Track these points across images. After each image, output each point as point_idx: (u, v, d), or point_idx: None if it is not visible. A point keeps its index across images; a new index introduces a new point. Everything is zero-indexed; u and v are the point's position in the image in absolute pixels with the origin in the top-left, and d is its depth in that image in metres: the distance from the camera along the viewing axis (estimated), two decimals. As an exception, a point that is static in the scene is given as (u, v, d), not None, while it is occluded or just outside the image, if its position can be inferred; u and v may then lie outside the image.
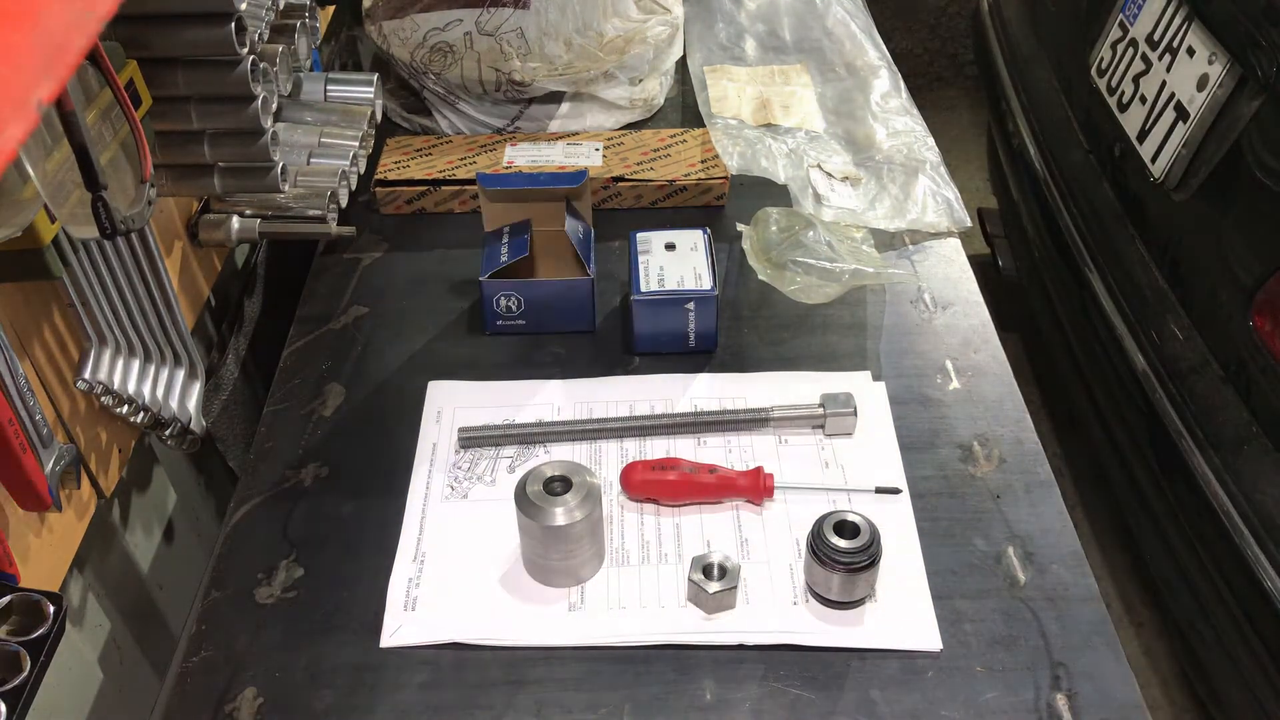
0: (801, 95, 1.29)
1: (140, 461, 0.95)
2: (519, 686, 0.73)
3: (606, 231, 1.11)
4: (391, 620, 0.76)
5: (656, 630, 0.75)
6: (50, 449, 0.72)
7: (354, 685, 0.73)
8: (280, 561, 0.81)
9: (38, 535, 0.75)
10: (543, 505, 0.75)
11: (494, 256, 0.98)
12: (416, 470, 0.87)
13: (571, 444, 0.89)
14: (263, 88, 0.85)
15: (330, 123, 1.04)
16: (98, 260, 0.78)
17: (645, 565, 0.80)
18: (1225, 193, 1.27)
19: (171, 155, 0.88)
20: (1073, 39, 1.73)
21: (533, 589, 0.78)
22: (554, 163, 1.17)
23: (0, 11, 0.26)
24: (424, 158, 1.18)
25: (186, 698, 0.73)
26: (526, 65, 1.20)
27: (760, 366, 0.96)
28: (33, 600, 0.66)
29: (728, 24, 1.43)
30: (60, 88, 0.41)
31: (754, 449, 0.88)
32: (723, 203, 1.17)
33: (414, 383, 0.96)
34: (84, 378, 0.78)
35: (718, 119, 1.22)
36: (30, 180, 0.62)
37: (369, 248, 1.12)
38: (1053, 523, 0.83)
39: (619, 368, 0.97)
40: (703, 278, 0.95)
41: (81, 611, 0.85)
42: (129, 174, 0.71)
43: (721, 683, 0.73)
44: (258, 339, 1.13)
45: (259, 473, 0.89)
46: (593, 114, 1.25)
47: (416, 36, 1.22)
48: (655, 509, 0.84)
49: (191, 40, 0.80)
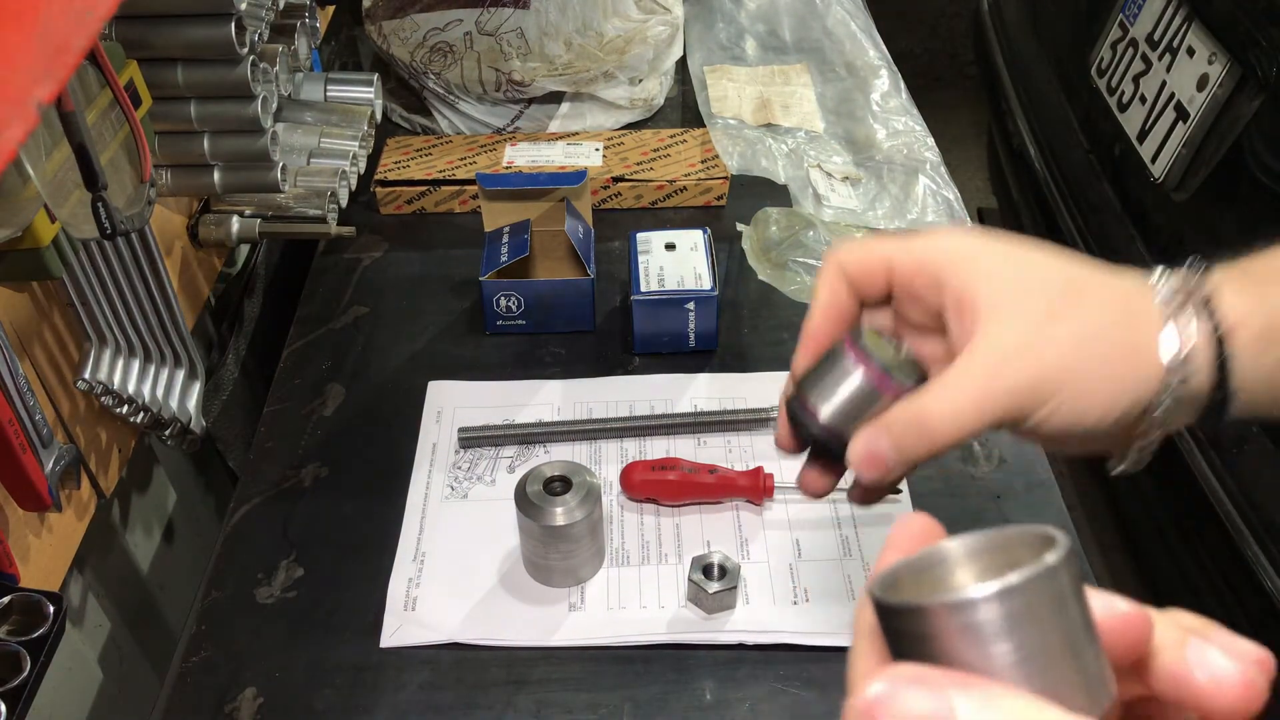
0: (801, 95, 1.29)
1: (140, 462, 0.95)
2: (519, 686, 0.73)
3: (606, 231, 1.11)
4: (391, 620, 0.76)
5: (656, 630, 0.75)
6: (50, 449, 0.72)
7: (354, 685, 0.73)
8: (280, 562, 0.81)
9: (38, 535, 0.75)
10: (542, 505, 0.75)
11: (494, 256, 0.98)
12: (416, 470, 0.87)
13: (571, 444, 0.89)
14: (263, 87, 0.85)
15: (330, 123, 1.04)
16: (98, 260, 0.78)
17: (645, 565, 0.80)
18: (1225, 193, 1.28)
19: (171, 155, 0.88)
20: (1073, 39, 1.73)
21: (533, 589, 0.78)
22: (554, 163, 1.17)
23: (0, 11, 0.26)
24: (424, 158, 1.18)
25: (186, 698, 0.73)
26: (526, 65, 1.20)
27: (760, 366, 0.96)
28: (33, 600, 0.66)
29: (728, 24, 1.43)
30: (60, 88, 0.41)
31: (754, 449, 0.88)
32: (723, 203, 1.16)
33: (414, 383, 0.95)
34: (84, 378, 0.78)
35: (718, 119, 1.22)
36: (30, 180, 0.61)
37: (369, 248, 1.12)
38: (1053, 523, 0.82)
39: (619, 368, 0.97)
40: (703, 278, 0.95)
41: (81, 611, 0.85)
42: (129, 174, 0.71)
43: (721, 683, 0.72)
44: (258, 339, 1.13)
45: (259, 473, 0.89)
46: (593, 114, 1.25)
47: (416, 36, 1.22)
48: (655, 509, 0.84)
49: (191, 40, 0.80)
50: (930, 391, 0.47)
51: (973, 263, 0.48)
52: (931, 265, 0.49)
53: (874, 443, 0.48)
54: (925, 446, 0.47)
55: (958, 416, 0.46)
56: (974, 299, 0.48)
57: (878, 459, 0.48)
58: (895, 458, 0.47)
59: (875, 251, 0.51)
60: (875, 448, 0.48)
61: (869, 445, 0.48)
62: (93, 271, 0.77)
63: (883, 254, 0.51)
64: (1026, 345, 0.46)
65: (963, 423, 0.46)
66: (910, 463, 0.48)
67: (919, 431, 0.47)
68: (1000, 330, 0.47)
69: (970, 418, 0.46)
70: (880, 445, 0.48)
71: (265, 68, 0.85)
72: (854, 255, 0.52)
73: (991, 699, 0.26)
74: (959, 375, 0.47)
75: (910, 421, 0.47)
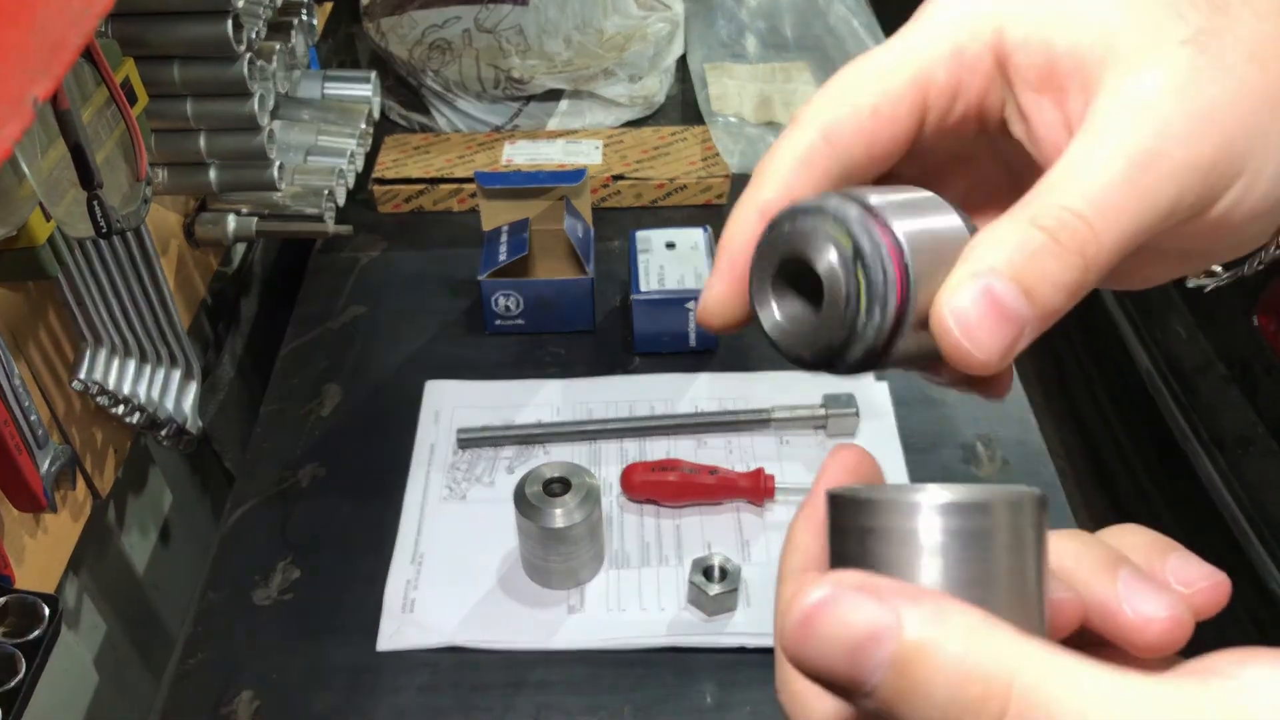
0: (803, 93, 1.29)
1: (136, 462, 0.95)
2: (518, 689, 0.72)
3: (606, 230, 1.10)
4: (389, 622, 0.76)
5: (656, 633, 0.75)
6: (46, 450, 0.71)
7: (352, 687, 0.73)
8: (277, 563, 0.81)
9: (33, 536, 0.74)
10: (542, 506, 0.74)
11: (492, 255, 0.97)
12: (414, 471, 0.87)
13: (571, 445, 0.89)
14: (259, 85, 0.84)
15: (328, 120, 1.04)
16: (93, 259, 0.77)
17: (645, 567, 0.79)
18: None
19: (167, 153, 0.87)
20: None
21: (532, 591, 0.78)
22: (553, 161, 1.16)
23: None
24: (422, 156, 1.18)
25: (183, 700, 0.73)
26: (525, 62, 1.19)
27: (761, 366, 0.96)
28: (28, 602, 0.66)
29: (728, 21, 1.42)
30: (56, 85, 0.41)
31: (755, 450, 0.88)
32: (723, 201, 1.16)
33: (412, 383, 0.95)
34: (79, 378, 0.77)
35: (718, 117, 1.22)
36: (25, 178, 0.61)
37: (366, 246, 1.11)
38: (1057, 524, 0.82)
39: (619, 368, 0.96)
40: (703, 277, 0.94)
41: (77, 613, 0.84)
42: (125, 172, 0.70)
43: (722, 685, 0.72)
44: (254, 339, 1.13)
45: (256, 474, 0.88)
46: (592, 112, 1.24)
47: (414, 33, 1.21)
48: (655, 510, 0.83)
49: (188, 37, 0.79)
50: (1059, 182, 0.28)
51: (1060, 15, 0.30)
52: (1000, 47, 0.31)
53: (992, 288, 0.27)
54: (1073, 277, 0.27)
55: (1119, 213, 0.27)
56: (1088, 50, 0.29)
57: (1003, 311, 0.27)
58: (1025, 306, 0.27)
59: (901, 70, 0.32)
60: (999, 294, 0.27)
61: (985, 294, 0.27)
62: (88, 270, 0.77)
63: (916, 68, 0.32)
64: (1190, 93, 0.28)
65: (1125, 224, 0.27)
66: (1047, 315, 0.27)
67: (1063, 249, 0.27)
68: (1145, 79, 0.28)
69: (1133, 214, 0.28)
70: (1003, 290, 0.27)
71: (262, 65, 0.85)
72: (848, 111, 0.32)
73: (942, 613, 0.23)
74: (1101, 147, 0.28)
75: (1046, 242, 0.27)
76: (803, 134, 0.32)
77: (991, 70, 0.31)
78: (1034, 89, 0.30)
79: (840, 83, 0.32)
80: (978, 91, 0.32)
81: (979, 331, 0.27)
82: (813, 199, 0.29)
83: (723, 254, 0.32)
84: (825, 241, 0.28)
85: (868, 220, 0.28)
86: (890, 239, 0.27)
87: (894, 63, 0.32)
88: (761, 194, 0.32)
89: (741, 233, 0.32)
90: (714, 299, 0.33)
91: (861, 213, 0.28)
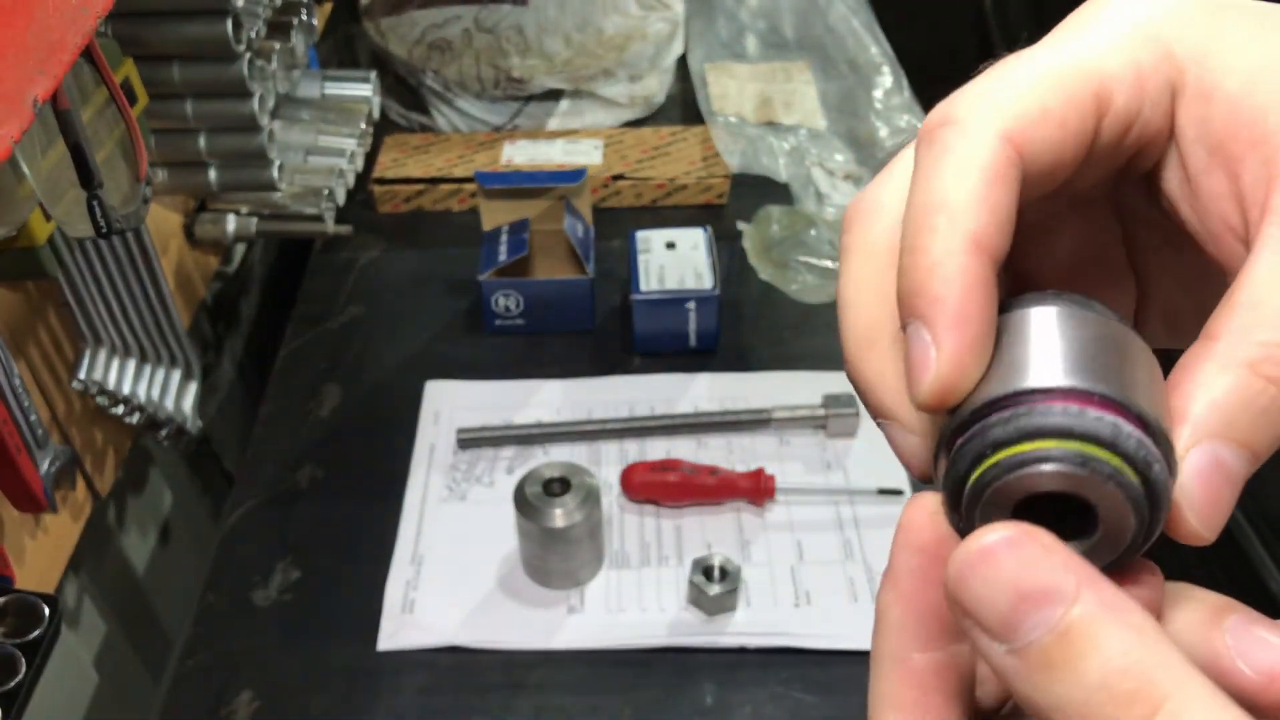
0: (803, 92, 1.29)
1: (136, 463, 0.95)
2: (518, 690, 0.72)
3: (606, 230, 1.10)
4: (388, 623, 0.76)
5: (656, 633, 0.75)
6: (46, 450, 0.71)
7: (351, 688, 0.73)
8: (277, 564, 0.81)
9: (33, 537, 0.74)
10: (541, 507, 0.74)
11: (492, 255, 0.97)
12: (414, 472, 0.87)
13: (571, 445, 0.89)
14: (259, 85, 0.84)
15: (327, 120, 1.04)
16: (93, 259, 0.77)
17: (645, 567, 0.79)
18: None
19: (167, 153, 0.87)
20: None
21: (531, 591, 0.78)
22: (553, 161, 1.16)
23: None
24: (422, 155, 1.18)
25: (183, 701, 0.73)
26: (525, 62, 1.19)
27: (762, 366, 0.96)
28: (28, 602, 0.65)
29: (729, 20, 1.42)
30: (56, 85, 0.41)
31: (755, 450, 0.88)
32: (724, 201, 1.16)
33: (411, 383, 0.95)
34: (79, 378, 0.77)
35: (718, 116, 1.21)
36: (25, 178, 0.61)
37: (366, 246, 1.11)
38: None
39: (619, 368, 0.96)
40: (704, 277, 0.94)
41: (77, 614, 0.84)
42: (124, 172, 0.70)
43: (722, 686, 0.72)
44: (254, 339, 1.13)
45: (255, 474, 0.88)
46: (592, 111, 1.24)
47: (414, 33, 1.21)
48: (655, 510, 0.83)
49: (188, 37, 0.79)
50: (1269, 310, 0.23)
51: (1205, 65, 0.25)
52: None
53: (1221, 461, 0.23)
54: None
55: None
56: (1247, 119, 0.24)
57: (1232, 481, 0.23)
58: (1250, 467, 0.23)
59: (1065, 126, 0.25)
60: (1228, 463, 0.23)
61: (1215, 469, 0.23)
62: (88, 270, 0.77)
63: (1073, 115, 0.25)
64: None
65: None
66: (1258, 459, 0.24)
67: None
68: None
69: None
70: (1231, 459, 0.23)
71: (262, 65, 0.85)
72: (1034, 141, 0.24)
73: (1122, 604, 0.21)
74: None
75: (1273, 393, 0.23)
76: (979, 141, 0.24)
77: (1170, 110, 0.25)
78: (1207, 149, 0.25)
79: (1008, 76, 0.25)
80: (1155, 130, 0.25)
81: (1210, 509, 0.23)
82: (1051, 409, 0.23)
83: (937, 309, 0.24)
84: (1105, 482, 0.23)
85: (1145, 443, 0.23)
86: (1167, 458, 0.23)
87: (1072, 65, 0.25)
88: (967, 224, 0.24)
89: (961, 279, 0.24)
90: (952, 366, 0.24)
91: (1139, 437, 0.22)
